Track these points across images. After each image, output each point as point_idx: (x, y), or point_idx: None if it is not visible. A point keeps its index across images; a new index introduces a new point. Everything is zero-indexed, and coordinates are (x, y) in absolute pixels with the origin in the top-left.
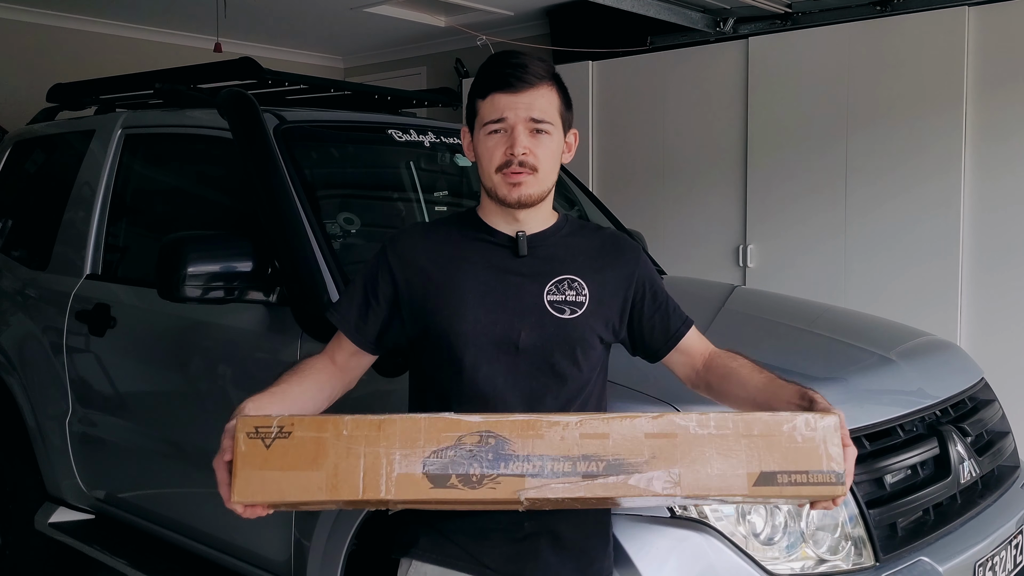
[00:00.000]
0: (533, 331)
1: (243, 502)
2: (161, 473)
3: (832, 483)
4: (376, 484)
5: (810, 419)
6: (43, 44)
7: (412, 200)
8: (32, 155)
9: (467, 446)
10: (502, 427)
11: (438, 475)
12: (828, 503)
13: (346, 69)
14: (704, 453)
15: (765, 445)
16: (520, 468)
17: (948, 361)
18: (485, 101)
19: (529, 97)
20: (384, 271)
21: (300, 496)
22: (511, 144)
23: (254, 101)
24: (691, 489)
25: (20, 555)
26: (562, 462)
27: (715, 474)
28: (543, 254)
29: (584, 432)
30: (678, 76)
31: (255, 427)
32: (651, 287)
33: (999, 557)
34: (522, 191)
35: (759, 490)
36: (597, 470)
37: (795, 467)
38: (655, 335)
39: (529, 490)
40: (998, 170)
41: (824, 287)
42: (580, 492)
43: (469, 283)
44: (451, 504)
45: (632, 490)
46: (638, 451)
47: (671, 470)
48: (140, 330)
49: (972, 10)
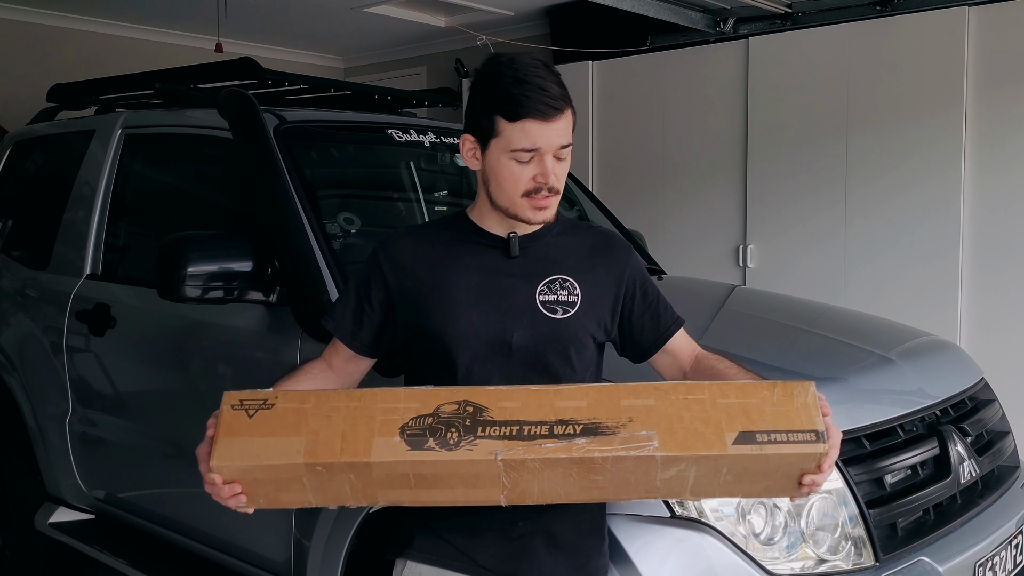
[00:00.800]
0: (526, 332)
1: (221, 466)
2: (161, 473)
3: (813, 441)
4: (354, 447)
5: (786, 385)
6: (43, 44)
7: (412, 200)
8: (32, 155)
9: (445, 414)
10: (479, 396)
11: (416, 438)
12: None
13: (346, 69)
14: (682, 416)
15: (742, 409)
16: (497, 432)
17: (948, 361)
18: (515, 125)
19: (559, 124)
20: (376, 275)
21: (278, 459)
22: (542, 172)
23: (254, 101)
24: (669, 448)
25: (20, 555)
26: (539, 426)
27: (694, 434)
28: (535, 254)
29: (561, 400)
30: (678, 76)
31: (240, 400)
32: (641, 285)
33: (999, 557)
34: (547, 214)
35: (739, 449)
36: (574, 432)
37: (774, 427)
38: (644, 334)
39: (505, 451)
40: (998, 170)
41: (824, 287)
42: (557, 453)
43: (461, 285)
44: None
45: (609, 449)
46: (615, 416)
47: (649, 431)
48: (140, 330)
49: (972, 10)
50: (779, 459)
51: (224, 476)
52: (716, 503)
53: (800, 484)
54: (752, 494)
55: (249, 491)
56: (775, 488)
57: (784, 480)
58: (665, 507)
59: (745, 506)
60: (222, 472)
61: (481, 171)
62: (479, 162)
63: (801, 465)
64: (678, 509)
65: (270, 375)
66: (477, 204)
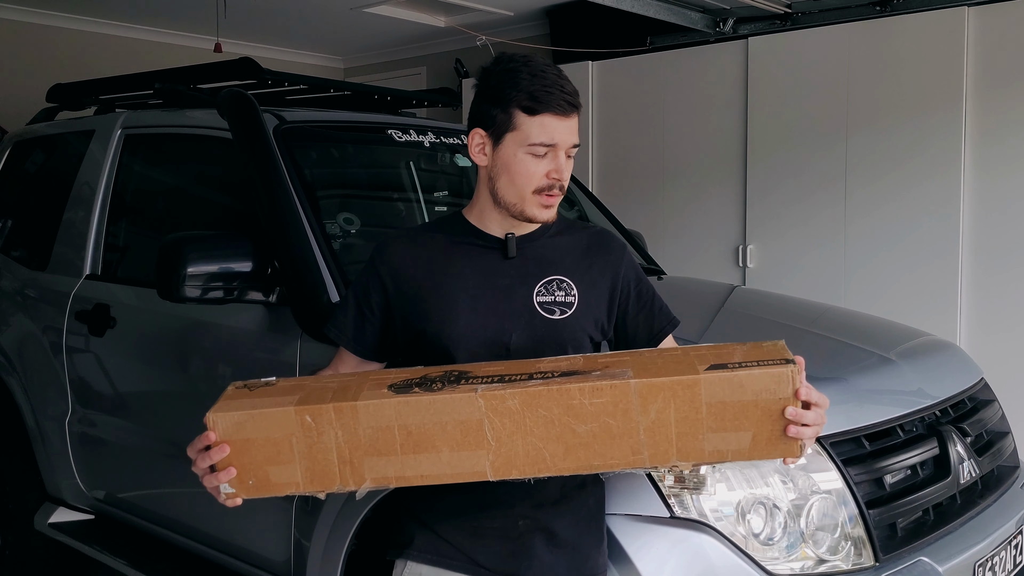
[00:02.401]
0: (523, 333)
1: (217, 417)
2: (161, 473)
3: (782, 364)
4: (343, 396)
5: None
6: (43, 44)
7: (412, 200)
8: (32, 155)
9: (433, 375)
10: (464, 366)
11: (401, 385)
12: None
13: (346, 69)
14: (655, 361)
15: (714, 353)
16: (479, 382)
17: (948, 361)
18: (533, 120)
19: (574, 123)
20: (374, 281)
21: (270, 407)
22: (556, 168)
23: (254, 101)
24: (644, 376)
25: (20, 555)
26: (520, 376)
27: (667, 368)
28: (531, 255)
29: (542, 364)
30: (678, 76)
31: (244, 384)
32: (636, 285)
33: (999, 557)
34: (552, 212)
35: (711, 375)
36: (553, 375)
37: (745, 359)
38: (639, 333)
39: (487, 391)
40: (998, 170)
41: (824, 287)
42: (538, 387)
43: (459, 288)
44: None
45: (587, 381)
46: (592, 366)
47: (624, 369)
48: (140, 330)
49: (972, 10)
50: (752, 381)
51: (218, 432)
52: (716, 503)
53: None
54: (742, 451)
55: (239, 463)
56: (763, 438)
57: (769, 423)
58: (665, 507)
59: (745, 506)
60: (216, 425)
61: (488, 167)
62: (487, 157)
63: (777, 391)
64: (678, 509)
65: (270, 375)
66: (476, 203)
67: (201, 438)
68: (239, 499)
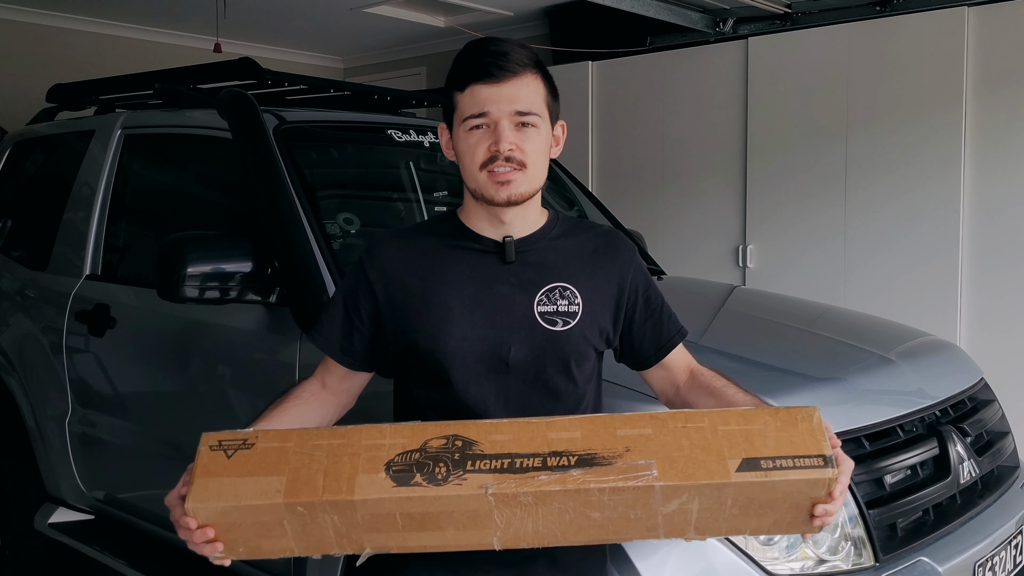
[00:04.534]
0: (523, 346)
1: (196, 507)
2: (161, 474)
3: (821, 466)
4: (337, 484)
5: (789, 411)
6: (43, 44)
7: (412, 200)
8: (32, 155)
9: (433, 449)
10: (468, 430)
11: (402, 474)
12: (825, 502)
13: (346, 69)
14: (681, 445)
15: (744, 435)
16: (487, 465)
17: (948, 361)
18: (464, 94)
19: (513, 88)
20: (363, 286)
21: (256, 499)
22: (496, 140)
23: (254, 101)
24: (669, 477)
25: (20, 555)
26: (531, 458)
27: (695, 462)
28: (532, 260)
29: (553, 431)
30: (678, 76)
31: (218, 440)
32: (644, 292)
33: (999, 557)
34: (511, 190)
35: (743, 476)
36: (569, 464)
37: (778, 453)
38: (645, 343)
39: (496, 484)
40: (998, 171)
41: (824, 287)
42: (551, 486)
43: (453, 296)
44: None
45: (606, 480)
46: (611, 446)
47: (648, 460)
48: (140, 330)
49: (972, 10)
50: (786, 486)
51: (200, 519)
52: None
53: (812, 516)
54: (760, 530)
55: (226, 538)
56: (784, 521)
57: (794, 512)
58: None
59: None
60: (197, 515)
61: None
62: (452, 151)
63: (810, 493)
64: None
65: (269, 376)
66: (465, 202)
67: (179, 516)
68: (227, 562)
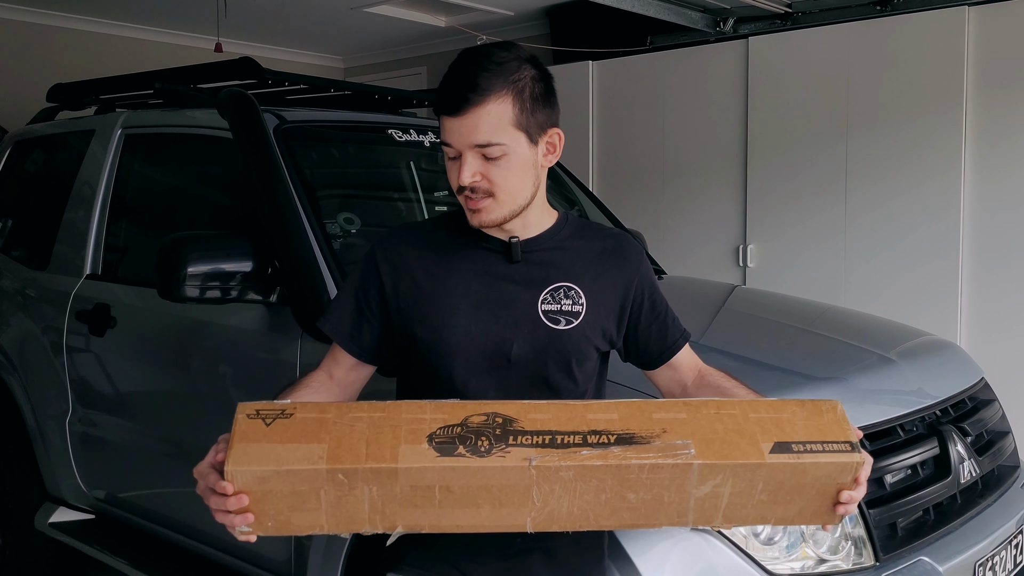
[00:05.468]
0: (525, 342)
1: (235, 470)
2: (161, 473)
3: (849, 451)
4: (380, 452)
5: (813, 402)
6: (43, 44)
7: (412, 200)
8: (32, 155)
9: (474, 424)
10: (507, 408)
11: (445, 445)
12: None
13: (346, 69)
14: (715, 428)
15: (774, 422)
16: (529, 440)
17: (948, 361)
18: (441, 122)
19: (472, 119)
20: (373, 276)
21: (298, 464)
22: (459, 171)
23: (254, 101)
24: (707, 456)
25: (20, 555)
26: (572, 435)
27: (730, 444)
28: (538, 259)
29: (591, 412)
30: (678, 76)
31: (256, 410)
32: (650, 295)
33: (999, 557)
34: (482, 217)
35: (776, 458)
36: (608, 442)
37: (808, 438)
38: (650, 346)
39: (540, 457)
40: (998, 171)
41: (824, 287)
42: (594, 460)
43: (459, 291)
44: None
45: (646, 456)
46: (648, 427)
47: (685, 440)
48: (140, 330)
49: (972, 10)
50: (816, 469)
51: (237, 484)
52: None
53: (836, 504)
54: (786, 518)
55: (258, 509)
56: (809, 509)
57: (819, 499)
58: None
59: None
60: (235, 479)
61: None
62: None
63: (838, 477)
64: None
65: (270, 375)
66: None
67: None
68: (254, 537)
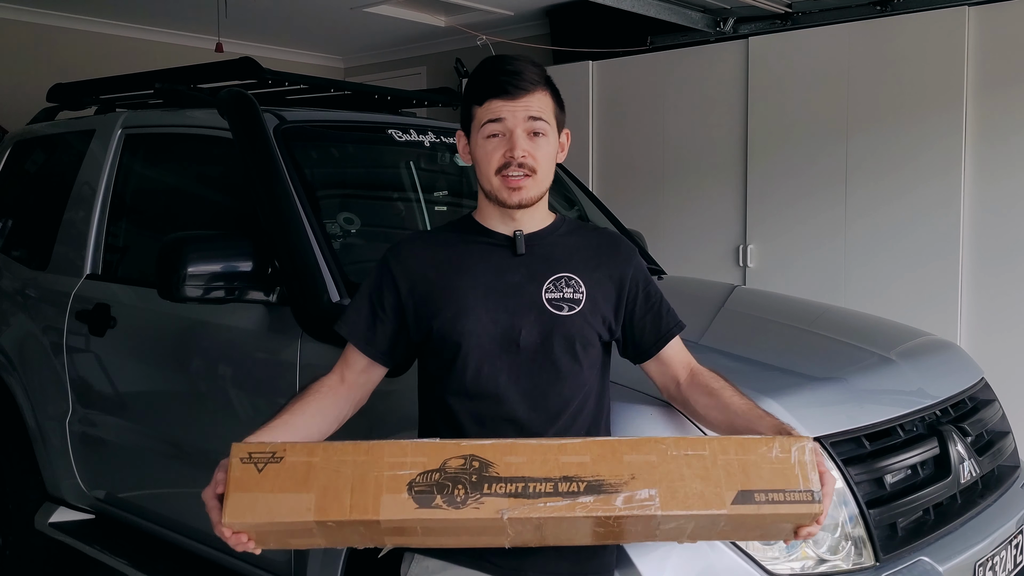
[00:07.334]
0: (533, 328)
1: (232, 523)
2: (161, 473)
3: (808, 501)
4: (363, 504)
5: (784, 442)
6: (43, 44)
7: (412, 200)
8: (32, 155)
9: (452, 469)
10: (484, 451)
11: (423, 495)
12: (808, 526)
13: (346, 69)
14: (683, 473)
15: (740, 466)
16: (503, 489)
17: (948, 361)
18: (482, 107)
19: (527, 100)
20: (387, 280)
21: (288, 516)
22: (510, 147)
23: (254, 101)
24: (670, 507)
25: (20, 555)
26: (543, 483)
27: (694, 493)
28: (540, 253)
29: (565, 455)
30: (678, 76)
31: (248, 453)
32: (644, 287)
33: (999, 557)
34: (523, 195)
35: (737, 508)
36: (578, 490)
37: (771, 486)
38: (645, 335)
39: (511, 510)
40: (998, 171)
41: (824, 287)
42: (562, 512)
43: (470, 284)
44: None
45: (612, 509)
46: (618, 473)
47: (650, 490)
48: (140, 330)
49: (972, 10)
50: (775, 517)
51: (235, 530)
52: None
53: (796, 533)
54: (748, 539)
55: (259, 539)
56: (770, 535)
57: (779, 532)
58: None
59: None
60: (233, 527)
61: (473, 164)
62: (470, 156)
63: (797, 521)
64: None
65: (270, 375)
66: (479, 204)
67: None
68: (258, 550)
